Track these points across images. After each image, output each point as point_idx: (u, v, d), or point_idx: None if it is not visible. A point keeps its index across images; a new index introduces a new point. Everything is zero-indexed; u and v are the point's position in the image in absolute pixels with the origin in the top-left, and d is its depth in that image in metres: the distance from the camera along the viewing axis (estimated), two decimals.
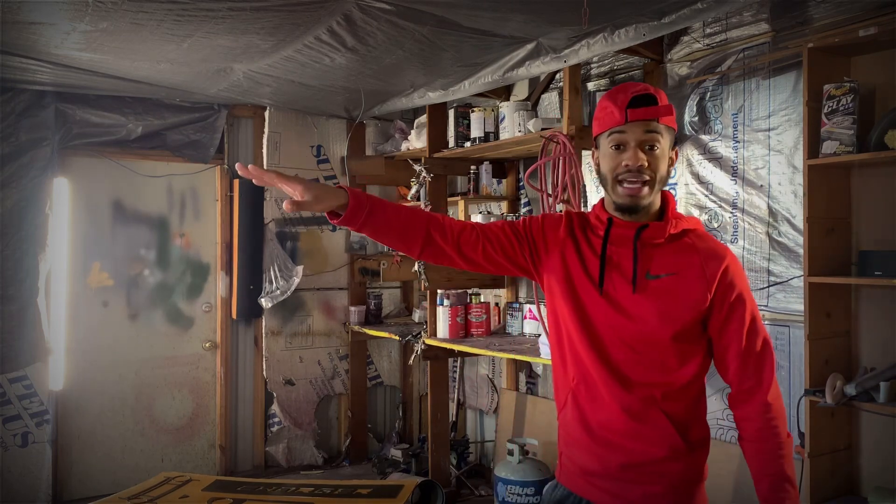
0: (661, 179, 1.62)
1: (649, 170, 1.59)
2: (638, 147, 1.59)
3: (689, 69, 3.40)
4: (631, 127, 1.59)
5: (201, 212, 4.70)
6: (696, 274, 1.62)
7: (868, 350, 2.76)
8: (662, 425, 1.62)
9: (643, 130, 1.59)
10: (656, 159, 1.60)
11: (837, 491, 2.72)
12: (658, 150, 1.60)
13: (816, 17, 2.87)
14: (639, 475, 1.65)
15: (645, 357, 1.64)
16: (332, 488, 3.82)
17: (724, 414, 3.25)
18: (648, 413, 1.63)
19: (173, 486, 3.74)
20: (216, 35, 3.11)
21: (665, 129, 1.61)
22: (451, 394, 4.67)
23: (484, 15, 2.92)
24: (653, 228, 1.64)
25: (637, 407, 1.63)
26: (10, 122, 3.98)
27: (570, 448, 1.76)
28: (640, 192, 1.60)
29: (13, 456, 4.08)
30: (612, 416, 1.66)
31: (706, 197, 3.33)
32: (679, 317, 1.62)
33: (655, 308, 1.62)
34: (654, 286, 1.63)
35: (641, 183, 1.60)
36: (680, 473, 1.65)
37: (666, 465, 1.64)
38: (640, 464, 1.64)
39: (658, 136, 1.60)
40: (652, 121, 1.59)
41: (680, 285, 1.62)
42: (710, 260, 1.63)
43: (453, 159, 4.23)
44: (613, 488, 1.67)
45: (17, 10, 2.78)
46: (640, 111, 1.58)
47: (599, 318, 1.66)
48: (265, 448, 4.84)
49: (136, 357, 4.49)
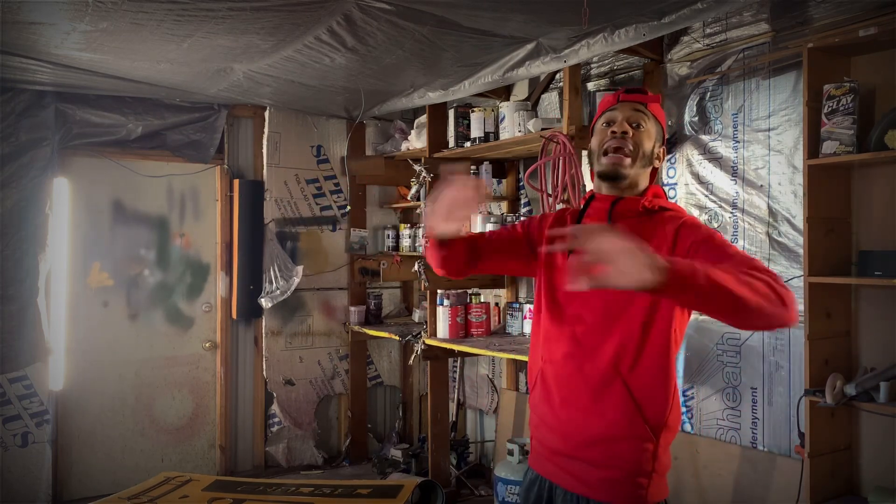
0: (643, 155, 1.73)
1: (633, 140, 1.71)
2: (625, 120, 1.73)
3: (689, 69, 3.40)
4: (621, 105, 1.77)
5: (201, 212, 4.70)
6: (660, 244, 1.63)
7: (868, 350, 2.76)
8: (624, 399, 1.65)
9: (631, 108, 1.75)
10: (641, 135, 1.73)
11: (837, 491, 2.72)
12: (643, 130, 1.74)
13: (816, 17, 2.87)
14: (598, 455, 1.66)
15: (610, 328, 1.67)
16: (332, 488, 3.82)
17: (724, 414, 3.25)
18: (611, 386, 1.66)
19: (173, 486, 3.74)
20: (216, 35, 3.11)
21: (652, 117, 1.77)
22: (451, 394, 4.67)
23: (484, 15, 2.92)
24: (627, 201, 1.73)
25: (599, 379, 1.67)
26: (10, 122, 3.98)
27: (538, 429, 1.81)
28: (622, 161, 1.71)
29: (13, 456, 4.08)
30: (575, 390, 1.70)
31: (706, 197, 3.33)
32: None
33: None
34: None
35: (623, 153, 1.71)
36: (638, 457, 1.65)
37: (625, 444, 1.65)
38: (600, 440, 1.66)
39: (644, 117, 1.75)
40: (640, 103, 1.76)
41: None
42: (670, 227, 1.66)
43: (453, 159, 4.23)
44: (574, 469, 1.70)
45: (17, 10, 2.78)
46: (630, 95, 1.78)
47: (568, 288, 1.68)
48: (265, 448, 4.84)
49: (136, 357, 4.49)
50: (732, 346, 3.23)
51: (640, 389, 1.66)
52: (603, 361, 1.67)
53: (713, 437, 3.30)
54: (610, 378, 1.66)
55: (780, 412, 3.05)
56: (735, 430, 3.22)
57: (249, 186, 4.70)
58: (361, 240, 5.09)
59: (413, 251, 4.84)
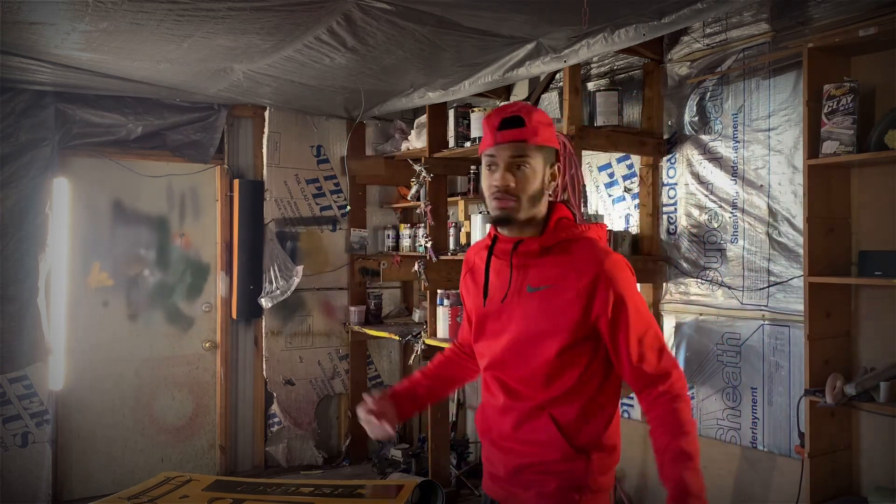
0: (530, 197, 1.67)
1: (516, 189, 1.66)
2: (506, 169, 1.66)
3: (689, 69, 3.40)
4: (499, 149, 1.67)
5: (201, 212, 4.70)
6: (571, 285, 1.64)
7: (868, 350, 2.76)
8: (551, 432, 1.67)
9: (510, 153, 1.66)
10: (525, 179, 1.66)
11: (837, 491, 2.72)
12: (527, 170, 1.66)
13: (816, 17, 2.87)
14: (531, 476, 1.71)
15: (529, 366, 1.69)
16: (332, 488, 3.81)
17: (724, 414, 3.25)
18: (536, 421, 1.69)
19: (173, 486, 3.73)
20: (216, 35, 3.11)
21: (536, 148, 1.67)
22: (451, 394, 4.67)
23: (484, 15, 2.92)
24: (527, 242, 1.70)
25: (526, 416, 1.71)
26: (10, 122, 3.98)
27: (484, 456, 1.87)
28: (508, 205, 1.67)
29: (13, 456, 4.08)
30: (505, 425, 1.74)
31: (706, 197, 3.33)
32: (555, 327, 1.65)
33: (533, 319, 1.68)
34: (532, 298, 1.68)
35: (509, 199, 1.66)
36: (570, 474, 1.68)
37: (556, 465, 1.68)
38: (528, 466, 1.71)
39: (526, 158, 1.66)
40: (520, 142, 1.66)
41: (555, 297, 1.66)
42: (585, 270, 1.64)
43: (453, 159, 4.23)
44: (513, 489, 1.75)
45: (17, 10, 2.77)
46: (507, 133, 1.66)
47: (488, 331, 1.77)
48: (265, 448, 4.84)
49: (136, 357, 4.49)
50: (732, 346, 3.23)
51: (567, 420, 1.68)
52: (529, 398, 1.70)
53: (713, 437, 3.30)
54: (536, 412, 1.70)
55: (780, 412, 3.05)
56: (735, 430, 3.22)
57: (249, 186, 4.70)
58: (361, 240, 5.09)
59: (413, 251, 4.84)
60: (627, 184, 3.73)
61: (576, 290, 1.64)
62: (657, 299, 3.55)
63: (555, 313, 1.65)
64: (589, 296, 1.63)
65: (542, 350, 1.67)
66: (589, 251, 1.68)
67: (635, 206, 3.66)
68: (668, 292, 3.51)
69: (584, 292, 1.63)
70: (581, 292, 1.63)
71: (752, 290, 3.15)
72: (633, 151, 3.52)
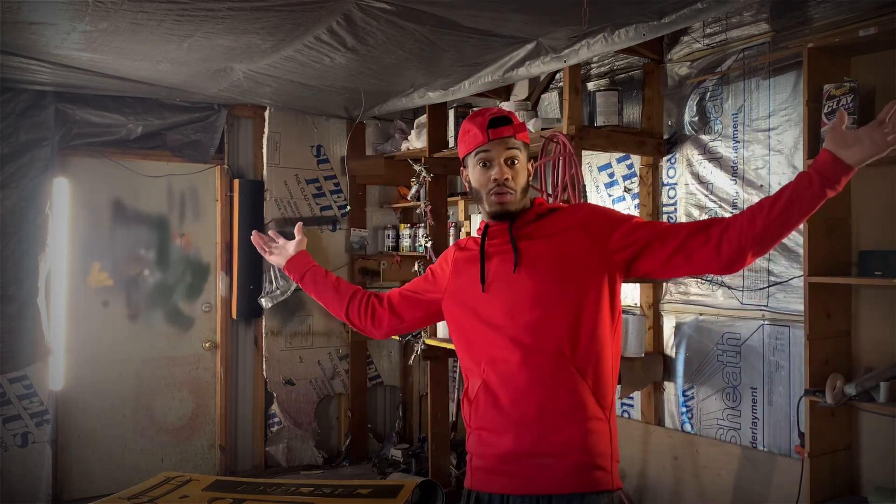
0: (522, 189, 1.84)
1: (513, 182, 1.81)
2: (503, 163, 1.81)
3: (689, 69, 3.40)
4: (494, 145, 1.81)
5: (201, 212, 4.70)
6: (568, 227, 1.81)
7: (868, 350, 2.76)
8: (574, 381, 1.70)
9: (504, 148, 1.81)
10: (517, 172, 1.83)
11: (837, 491, 2.72)
12: (518, 164, 1.83)
13: (816, 17, 2.87)
14: (557, 445, 1.69)
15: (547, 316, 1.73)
16: (332, 488, 3.81)
17: (724, 414, 3.25)
18: (559, 370, 1.71)
19: (173, 486, 3.73)
20: (216, 35, 3.11)
21: (522, 144, 1.85)
22: (451, 394, 4.66)
23: (484, 15, 2.92)
24: (521, 218, 1.85)
25: (548, 365, 1.71)
26: (10, 122, 3.98)
27: (482, 443, 1.80)
28: (509, 199, 1.81)
29: (13, 456, 4.08)
30: (523, 385, 1.72)
31: (706, 197, 3.33)
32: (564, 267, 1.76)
33: (542, 267, 1.77)
34: (532, 251, 1.79)
35: (509, 196, 1.81)
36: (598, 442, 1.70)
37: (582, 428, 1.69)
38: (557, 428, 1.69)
39: (517, 152, 1.83)
40: (510, 138, 1.81)
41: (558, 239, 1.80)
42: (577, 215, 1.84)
43: (453, 159, 4.23)
44: (530, 471, 1.71)
45: (17, 10, 2.77)
46: (499, 130, 1.80)
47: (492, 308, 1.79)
48: (265, 448, 4.84)
49: (136, 357, 4.49)
50: (732, 346, 3.23)
51: (588, 370, 1.73)
52: (548, 350, 1.72)
53: (713, 437, 3.30)
54: (558, 363, 1.71)
55: (780, 412, 3.05)
56: (735, 430, 3.22)
57: (249, 186, 4.70)
58: (361, 240, 5.09)
59: (413, 251, 4.84)
60: (627, 184, 3.74)
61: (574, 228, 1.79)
62: (657, 299, 3.55)
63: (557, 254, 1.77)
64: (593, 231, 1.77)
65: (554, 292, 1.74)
66: (571, 208, 1.90)
67: (635, 206, 3.66)
68: (668, 292, 3.51)
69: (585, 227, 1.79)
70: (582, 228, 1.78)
71: (752, 290, 3.15)
72: (632, 151, 3.52)
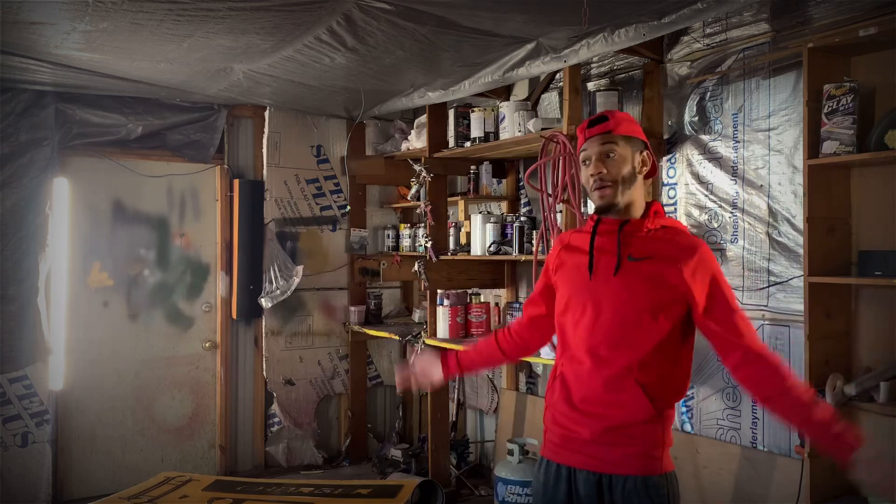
0: (623, 180, 1.93)
1: (609, 175, 1.92)
2: (598, 159, 1.93)
3: (689, 69, 3.40)
4: (590, 143, 1.96)
5: (201, 212, 4.70)
6: (669, 258, 1.89)
7: (868, 350, 2.76)
8: (636, 394, 1.88)
9: (599, 144, 1.94)
10: (615, 165, 1.92)
11: (837, 491, 2.72)
12: (615, 156, 1.92)
13: (816, 17, 2.87)
14: (617, 437, 1.90)
15: (623, 331, 1.89)
16: (332, 488, 3.81)
17: (724, 414, 3.25)
18: (624, 383, 1.89)
19: (173, 486, 3.73)
20: (216, 35, 3.11)
21: (622, 138, 1.94)
22: (451, 394, 4.67)
23: (484, 15, 2.92)
24: (633, 224, 1.95)
25: (614, 379, 1.90)
26: (10, 122, 3.99)
27: (557, 423, 2.02)
28: (607, 193, 1.92)
29: (13, 456, 4.08)
30: (593, 388, 1.93)
31: (706, 197, 3.33)
32: (654, 294, 1.88)
33: (635, 285, 1.90)
34: (633, 267, 1.91)
35: (608, 190, 1.92)
36: (650, 436, 1.90)
37: (639, 428, 1.89)
38: (617, 427, 1.90)
39: (613, 146, 1.93)
40: (605, 133, 1.93)
41: (655, 267, 1.89)
42: (683, 250, 1.90)
43: (453, 159, 4.23)
44: (597, 452, 1.93)
45: (17, 10, 2.78)
46: (594, 129, 1.95)
47: (587, 297, 1.95)
48: (265, 448, 4.84)
49: (136, 357, 4.49)
50: None
51: (651, 384, 1.89)
52: (619, 363, 1.90)
53: (713, 437, 3.30)
54: (624, 376, 1.89)
55: None
56: (735, 430, 3.22)
57: (249, 186, 4.70)
58: (361, 240, 5.09)
59: (413, 251, 4.84)
60: None
61: (674, 263, 1.87)
62: None
63: (652, 279, 1.88)
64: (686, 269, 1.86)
65: (636, 313, 1.88)
66: (686, 236, 1.96)
67: None
68: None
69: (682, 265, 1.86)
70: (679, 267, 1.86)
71: (752, 290, 3.15)
72: None
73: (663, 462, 1.92)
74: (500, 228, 4.04)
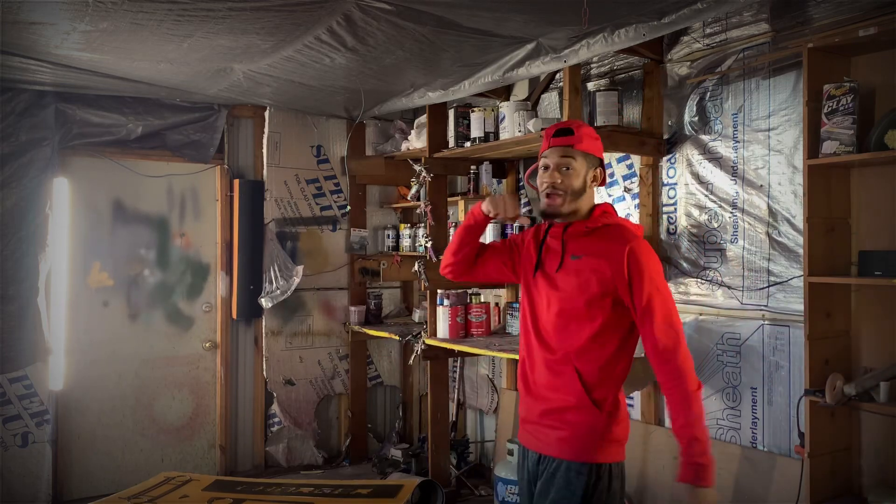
0: (573, 192, 2.09)
1: (562, 186, 2.09)
2: (555, 169, 2.10)
3: (689, 69, 3.40)
4: (552, 152, 2.12)
5: (201, 212, 4.70)
6: (602, 254, 2.04)
7: (868, 350, 2.76)
8: (572, 379, 2.05)
9: (559, 155, 2.10)
10: (569, 177, 2.09)
11: (837, 491, 2.72)
12: (571, 171, 2.09)
13: (816, 17, 2.87)
14: (553, 421, 2.08)
15: (565, 322, 2.07)
16: (332, 488, 3.81)
17: (724, 414, 3.25)
18: (563, 368, 2.07)
19: (173, 486, 3.73)
20: (216, 35, 3.11)
21: (581, 154, 2.10)
22: (451, 394, 4.67)
23: (484, 15, 2.92)
24: (575, 225, 2.13)
25: (556, 363, 2.09)
26: (10, 122, 3.99)
27: (521, 408, 2.22)
28: (555, 202, 2.10)
29: (13, 456, 4.09)
30: (542, 374, 2.12)
31: (706, 197, 3.33)
32: (588, 288, 2.04)
33: (573, 280, 2.07)
34: (573, 265, 2.09)
35: (557, 198, 2.09)
36: (584, 424, 2.03)
37: (573, 413, 2.04)
38: (554, 410, 2.08)
39: (571, 160, 2.09)
40: (567, 147, 2.09)
41: (590, 263, 2.06)
42: (615, 246, 2.03)
43: (453, 159, 4.23)
44: (538, 433, 2.12)
45: (17, 10, 2.78)
46: (558, 140, 2.11)
47: (537, 292, 2.17)
48: (265, 448, 4.84)
49: (136, 357, 4.49)
50: (732, 346, 3.23)
51: (588, 373, 2.05)
52: (561, 350, 2.09)
53: (713, 437, 3.30)
54: (564, 362, 2.08)
55: (780, 412, 3.05)
56: (735, 430, 3.22)
57: (249, 186, 4.70)
58: (361, 240, 5.09)
59: (413, 251, 4.84)
60: (627, 184, 3.74)
61: (606, 258, 2.02)
62: None
63: (587, 274, 2.04)
64: (616, 263, 2.00)
65: (575, 306, 2.05)
66: (622, 232, 2.08)
67: (635, 206, 3.66)
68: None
69: (612, 260, 2.01)
70: (610, 260, 2.01)
71: (752, 290, 3.15)
72: (633, 151, 3.52)
73: (598, 453, 2.02)
74: (500, 228, 4.04)
